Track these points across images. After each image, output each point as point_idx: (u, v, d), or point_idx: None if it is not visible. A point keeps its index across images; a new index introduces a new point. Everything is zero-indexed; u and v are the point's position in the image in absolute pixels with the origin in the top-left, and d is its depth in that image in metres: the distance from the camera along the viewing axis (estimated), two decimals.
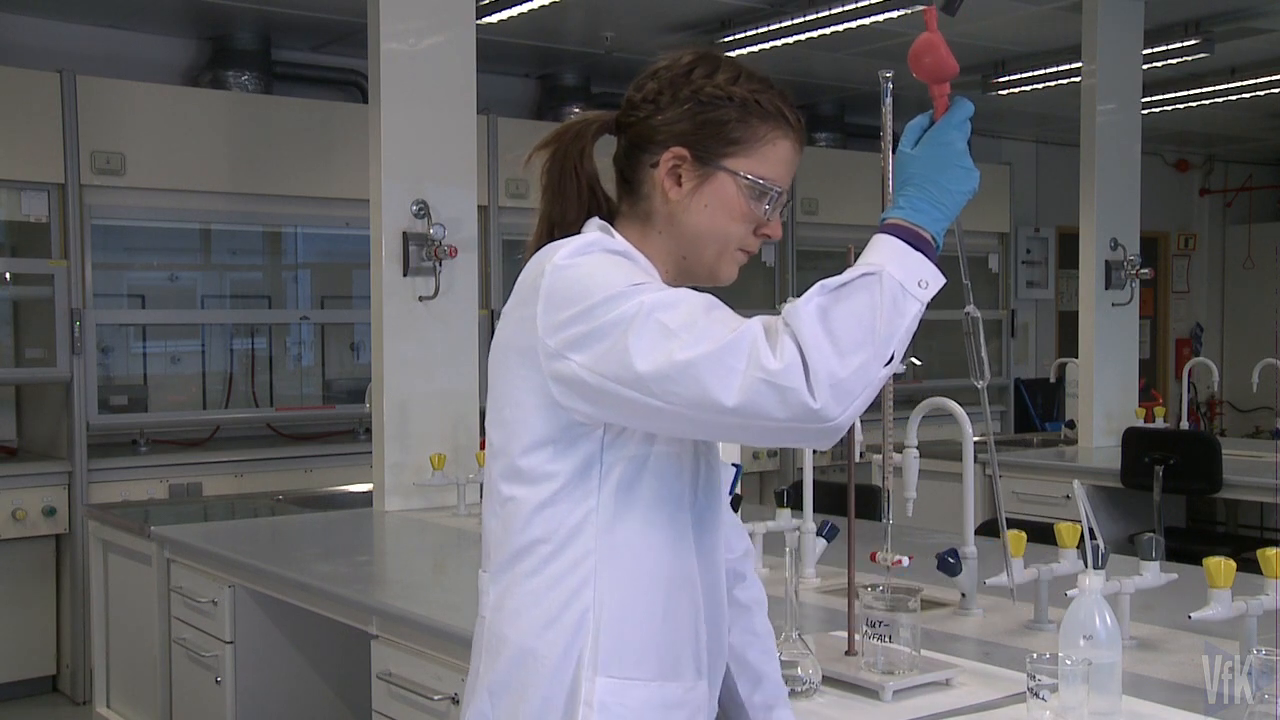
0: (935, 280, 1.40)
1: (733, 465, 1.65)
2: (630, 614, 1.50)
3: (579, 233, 1.57)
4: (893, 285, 1.36)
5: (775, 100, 1.56)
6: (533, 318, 1.46)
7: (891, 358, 1.36)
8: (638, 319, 1.37)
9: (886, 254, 1.39)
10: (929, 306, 1.40)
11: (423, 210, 4.03)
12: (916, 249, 1.39)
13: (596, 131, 1.60)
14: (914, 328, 1.39)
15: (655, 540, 1.51)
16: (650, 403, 1.37)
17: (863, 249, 1.45)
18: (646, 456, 1.49)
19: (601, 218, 1.60)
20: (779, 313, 1.38)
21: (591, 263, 1.46)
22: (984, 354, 1.59)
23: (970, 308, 1.58)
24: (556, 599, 1.50)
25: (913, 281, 1.38)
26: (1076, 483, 2.13)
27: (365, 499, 4.24)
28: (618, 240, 1.55)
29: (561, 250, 1.48)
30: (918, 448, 2.59)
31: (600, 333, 1.39)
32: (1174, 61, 6.67)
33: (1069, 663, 1.69)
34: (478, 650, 1.59)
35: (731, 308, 1.41)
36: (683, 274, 1.60)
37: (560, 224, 1.59)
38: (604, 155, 1.63)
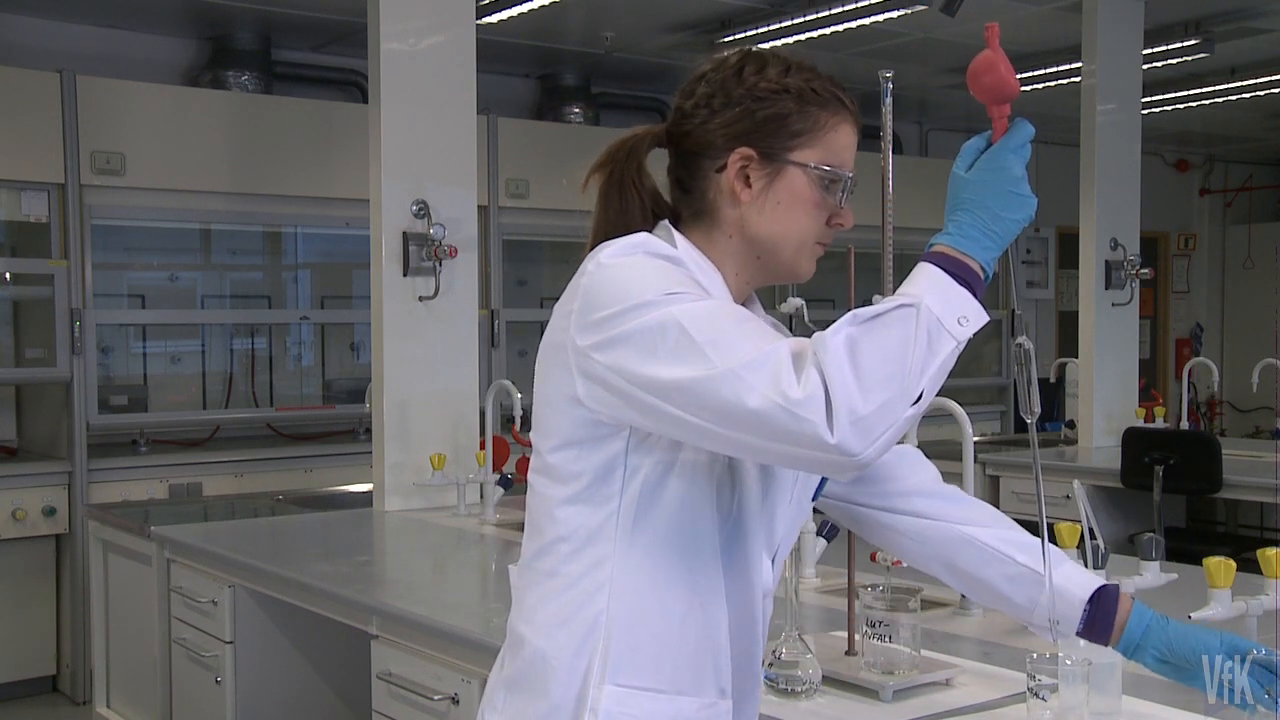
0: (977, 317, 1.33)
1: None
2: (644, 622, 1.47)
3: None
4: (929, 320, 1.30)
5: (829, 86, 1.53)
6: (569, 314, 1.44)
7: (921, 396, 1.29)
8: (666, 328, 1.34)
9: (927, 285, 1.33)
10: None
11: (423, 210, 4.03)
12: (963, 280, 1.34)
13: (649, 145, 1.57)
14: (950, 365, 1.32)
15: (677, 549, 1.47)
16: (671, 411, 1.34)
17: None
18: (672, 463, 1.46)
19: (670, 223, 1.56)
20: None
21: (633, 264, 1.42)
22: (1036, 387, 1.51)
23: (1023, 339, 1.52)
24: (571, 600, 1.47)
25: (952, 318, 1.31)
26: (1076, 483, 2.13)
27: (365, 499, 4.24)
28: (675, 242, 1.51)
29: (607, 250, 1.45)
30: (918, 448, 2.58)
31: (627, 337, 1.37)
32: (1174, 61, 6.68)
33: (1069, 663, 1.69)
34: (504, 644, 1.58)
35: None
36: (759, 273, 1.55)
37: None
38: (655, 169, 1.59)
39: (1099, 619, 1.67)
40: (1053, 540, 2.40)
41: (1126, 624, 1.66)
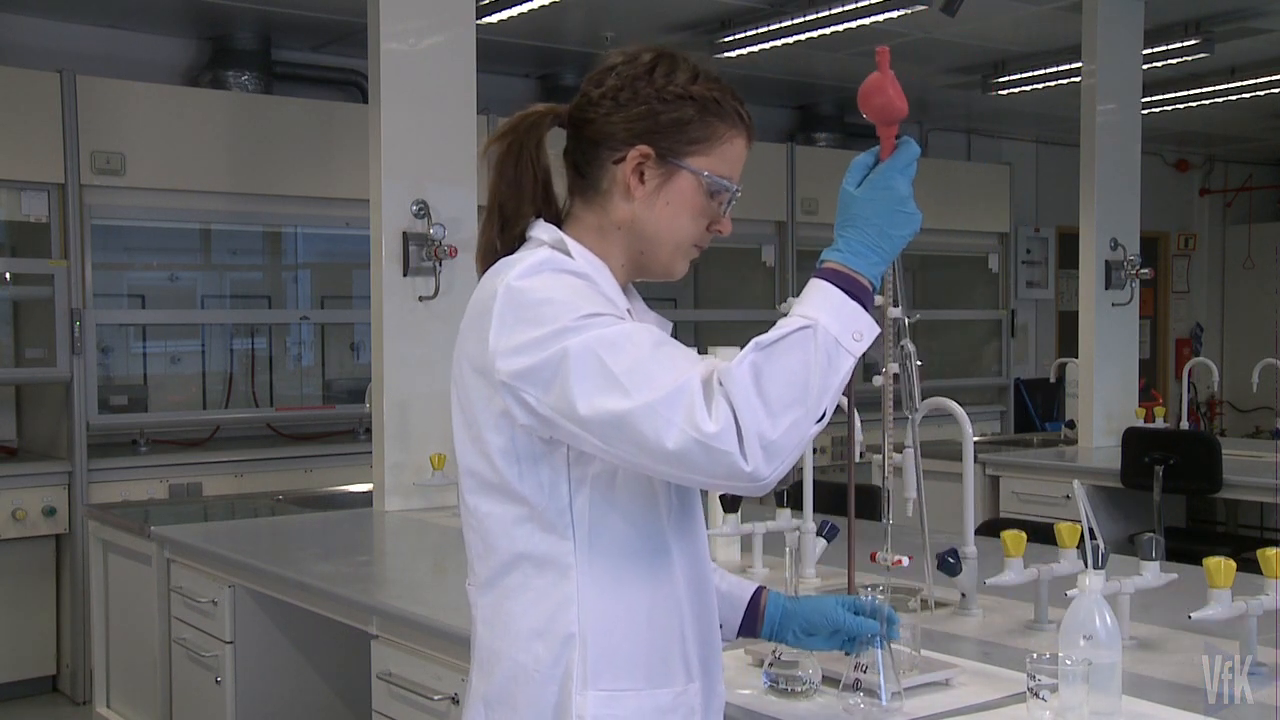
0: (870, 331, 1.41)
1: None
2: (616, 626, 1.51)
3: (528, 229, 1.58)
4: (827, 340, 1.37)
5: (730, 100, 1.59)
6: (484, 339, 1.47)
7: (824, 415, 1.37)
8: (584, 359, 1.39)
9: (822, 305, 1.39)
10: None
11: (423, 210, 4.03)
12: (854, 296, 1.40)
13: (550, 123, 1.63)
14: (847, 380, 1.40)
15: (634, 550, 1.52)
16: (593, 441, 1.41)
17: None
18: (615, 470, 1.50)
19: (549, 218, 1.60)
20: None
21: (544, 286, 1.46)
22: (918, 386, 1.61)
23: (905, 341, 1.58)
24: (543, 612, 1.51)
25: (848, 335, 1.39)
26: (1076, 483, 2.13)
27: (365, 499, 4.24)
28: (575, 254, 1.54)
29: (515, 270, 1.48)
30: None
31: (546, 366, 1.41)
32: (1174, 61, 6.67)
33: (1069, 663, 1.69)
34: (474, 662, 1.61)
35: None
36: (638, 269, 1.62)
37: (514, 217, 1.59)
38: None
39: (748, 615, 1.78)
40: (1051, 541, 2.40)
41: (765, 612, 1.78)
